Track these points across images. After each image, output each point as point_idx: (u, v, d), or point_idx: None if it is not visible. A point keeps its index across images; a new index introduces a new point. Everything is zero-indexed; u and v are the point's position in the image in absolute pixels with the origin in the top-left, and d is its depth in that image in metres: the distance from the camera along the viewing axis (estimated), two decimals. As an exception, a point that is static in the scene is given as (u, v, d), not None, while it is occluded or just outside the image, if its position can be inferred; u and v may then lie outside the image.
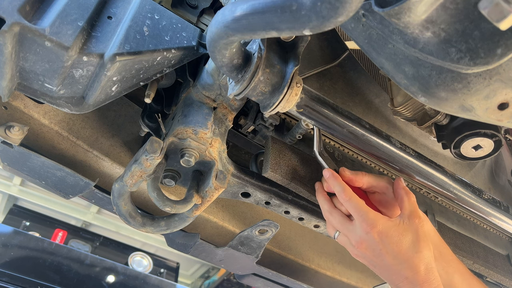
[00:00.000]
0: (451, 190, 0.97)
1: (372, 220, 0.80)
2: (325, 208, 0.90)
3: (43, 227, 4.04)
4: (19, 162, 1.00)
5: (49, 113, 1.03)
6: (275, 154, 0.98)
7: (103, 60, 0.74)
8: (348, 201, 0.84)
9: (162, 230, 0.93)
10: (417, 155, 0.94)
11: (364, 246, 0.82)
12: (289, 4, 0.44)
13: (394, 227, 0.80)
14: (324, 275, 1.53)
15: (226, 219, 1.31)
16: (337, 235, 0.89)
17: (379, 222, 0.80)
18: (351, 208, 0.83)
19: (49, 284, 2.33)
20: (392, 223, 0.81)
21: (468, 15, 0.48)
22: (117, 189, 0.87)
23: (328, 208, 0.89)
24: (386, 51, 0.61)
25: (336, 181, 0.87)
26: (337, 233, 0.89)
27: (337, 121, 0.84)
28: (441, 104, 0.61)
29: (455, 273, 0.94)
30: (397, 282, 0.80)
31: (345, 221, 0.86)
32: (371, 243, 0.81)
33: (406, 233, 0.80)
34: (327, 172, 0.90)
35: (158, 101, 1.03)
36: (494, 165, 1.61)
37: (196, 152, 0.88)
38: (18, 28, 0.65)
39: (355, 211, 0.83)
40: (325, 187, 0.94)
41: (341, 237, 0.89)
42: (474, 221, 1.44)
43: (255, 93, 0.73)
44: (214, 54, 0.66)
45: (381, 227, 0.80)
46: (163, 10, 0.87)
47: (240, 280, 1.52)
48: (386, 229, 0.80)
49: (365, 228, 0.80)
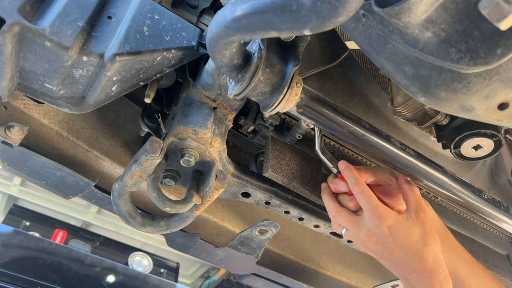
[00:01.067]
0: (451, 190, 0.97)
1: (382, 214, 0.83)
2: (332, 208, 0.91)
3: (43, 227, 4.04)
4: (19, 162, 1.00)
5: (49, 113, 1.03)
6: (275, 154, 0.98)
7: (103, 60, 0.74)
8: (361, 193, 0.85)
9: (162, 230, 0.93)
10: (417, 155, 0.94)
11: (374, 239, 0.84)
12: (289, 4, 0.44)
13: (403, 221, 0.83)
14: (324, 275, 1.53)
15: (226, 219, 1.31)
16: (345, 232, 0.91)
17: (389, 216, 0.83)
18: (362, 201, 0.85)
19: (49, 284, 2.33)
20: (401, 217, 0.83)
21: (468, 15, 0.48)
22: (117, 189, 0.87)
23: (335, 207, 0.90)
24: (386, 51, 0.61)
25: (351, 173, 0.89)
26: (345, 230, 0.91)
27: (337, 121, 0.84)
28: (441, 104, 0.61)
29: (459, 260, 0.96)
30: (406, 274, 0.82)
31: (353, 217, 0.88)
32: (381, 236, 0.83)
33: (414, 227, 0.82)
34: (343, 164, 0.91)
35: (158, 101, 1.03)
36: (494, 165, 1.61)
37: (196, 152, 0.88)
38: (18, 28, 0.65)
39: (366, 204, 0.85)
40: (333, 188, 0.95)
41: (349, 233, 0.90)
42: (474, 221, 1.44)
43: (255, 93, 0.73)
44: (214, 54, 0.66)
45: (390, 221, 0.82)
46: (163, 10, 0.87)
47: (240, 280, 1.52)
48: (395, 223, 0.82)
49: (375, 222, 0.83)
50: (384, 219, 0.82)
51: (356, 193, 0.87)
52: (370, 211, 0.84)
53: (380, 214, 0.82)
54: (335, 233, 1.16)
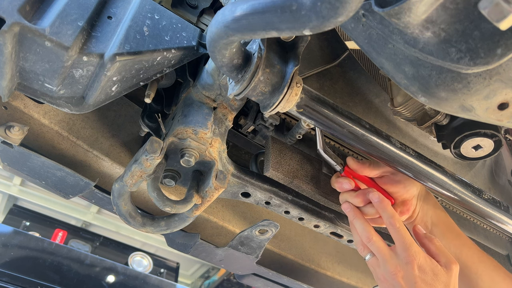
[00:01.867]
0: (451, 190, 0.97)
1: (415, 252, 0.83)
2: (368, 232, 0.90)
3: (43, 227, 4.04)
4: (19, 162, 1.00)
5: (49, 113, 1.03)
6: (275, 154, 0.98)
7: (103, 60, 0.74)
8: (397, 229, 0.86)
9: (162, 230, 0.93)
10: (417, 155, 0.94)
11: (401, 275, 0.83)
12: (289, 4, 0.44)
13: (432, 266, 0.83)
14: (324, 275, 1.53)
15: (226, 219, 1.31)
16: (370, 258, 0.91)
17: (420, 256, 0.83)
18: (398, 237, 0.86)
19: (49, 284, 2.33)
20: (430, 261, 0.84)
21: (468, 15, 0.48)
22: (117, 189, 0.87)
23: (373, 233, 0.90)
24: (386, 51, 0.61)
25: (386, 208, 0.90)
26: (370, 255, 0.90)
27: (337, 121, 0.84)
28: (441, 104, 0.61)
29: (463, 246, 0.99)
30: None
31: (387, 248, 0.87)
32: (408, 273, 0.82)
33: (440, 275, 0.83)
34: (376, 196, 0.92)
35: (158, 101, 1.03)
36: (494, 165, 1.61)
37: (196, 152, 0.88)
38: (18, 28, 0.65)
39: (401, 240, 0.85)
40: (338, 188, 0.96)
41: (375, 260, 0.89)
42: (474, 221, 1.44)
43: (255, 93, 0.73)
44: (214, 54, 0.66)
45: (421, 261, 0.83)
46: (163, 10, 0.87)
47: (240, 280, 1.52)
48: (425, 265, 0.83)
49: (406, 258, 0.83)
50: (415, 257, 0.83)
51: (392, 229, 0.87)
52: (403, 247, 0.84)
53: (413, 252, 0.83)
54: (335, 233, 1.16)
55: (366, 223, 0.92)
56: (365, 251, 0.91)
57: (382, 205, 0.90)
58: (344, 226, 1.13)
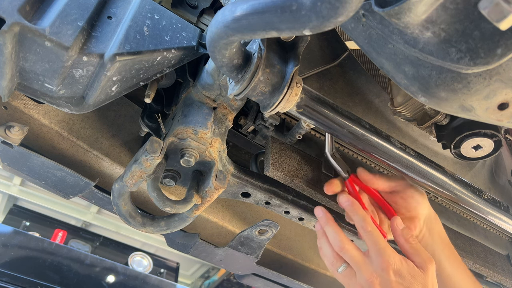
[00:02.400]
0: (451, 190, 0.97)
1: (390, 257, 0.80)
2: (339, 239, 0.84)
3: (43, 227, 4.03)
4: (19, 162, 1.00)
5: (49, 113, 1.03)
6: (276, 153, 0.98)
7: (103, 60, 0.74)
8: (369, 233, 0.82)
9: (162, 230, 0.93)
10: (417, 155, 0.94)
11: (378, 282, 0.79)
12: (289, 4, 0.44)
13: (408, 269, 0.80)
14: (324, 275, 1.53)
15: (226, 219, 1.31)
16: (343, 269, 0.85)
17: (395, 260, 0.80)
18: (370, 241, 0.82)
19: (49, 284, 2.33)
20: (406, 263, 0.81)
21: (468, 15, 0.48)
22: (117, 189, 0.87)
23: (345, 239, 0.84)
24: (386, 51, 0.61)
25: (357, 211, 0.85)
26: (343, 267, 0.85)
27: (337, 121, 0.84)
28: (441, 104, 0.61)
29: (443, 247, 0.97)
30: None
31: (360, 254, 0.83)
32: (385, 280, 0.79)
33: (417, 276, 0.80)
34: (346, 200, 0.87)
35: (158, 101, 1.03)
36: (494, 165, 1.61)
37: (196, 152, 0.88)
38: (18, 28, 0.65)
39: (374, 245, 0.81)
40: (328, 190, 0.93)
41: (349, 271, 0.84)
42: (474, 221, 1.44)
43: (255, 93, 0.73)
44: (214, 54, 0.66)
45: (397, 266, 0.79)
46: (163, 10, 0.87)
47: (240, 280, 1.52)
48: (401, 269, 0.79)
49: (381, 264, 0.79)
50: (390, 262, 0.79)
51: (364, 233, 0.83)
52: (377, 252, 0.80)
53: (388, 257, 0.79)
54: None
55: (338, 230, 0.87)
56: (338, 263, 0.85)
57: (353, 208, 0.86)
58: (344, 226, 1.13)
